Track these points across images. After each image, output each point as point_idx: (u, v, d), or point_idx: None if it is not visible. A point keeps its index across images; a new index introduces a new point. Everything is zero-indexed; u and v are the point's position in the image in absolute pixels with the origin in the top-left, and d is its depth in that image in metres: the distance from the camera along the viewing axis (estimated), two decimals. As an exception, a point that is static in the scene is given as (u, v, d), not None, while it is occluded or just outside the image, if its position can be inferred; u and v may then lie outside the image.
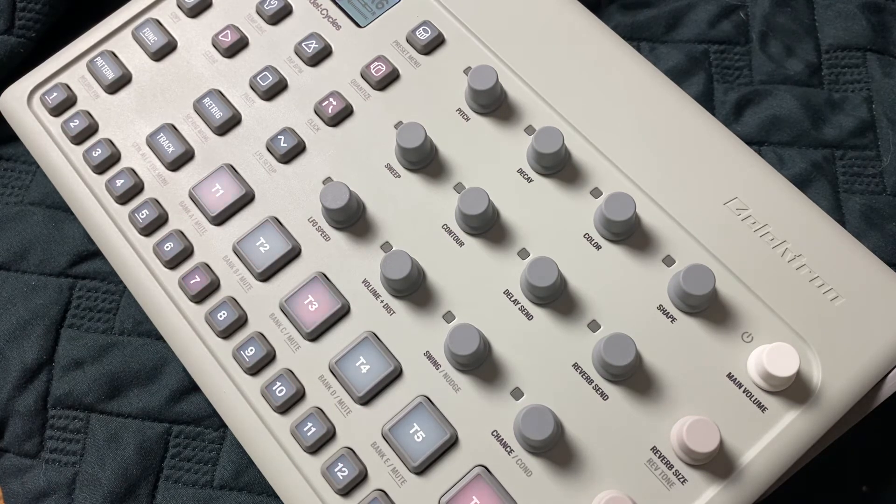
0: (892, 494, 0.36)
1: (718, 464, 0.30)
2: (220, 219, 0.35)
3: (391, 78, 0.37)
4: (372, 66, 0.37)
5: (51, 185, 0.43)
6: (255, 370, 0.33)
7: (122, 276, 0.36)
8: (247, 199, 0.35)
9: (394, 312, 0.33)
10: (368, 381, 0.31)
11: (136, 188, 0.36)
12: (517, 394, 0.31)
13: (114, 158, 0.37)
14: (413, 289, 0.33)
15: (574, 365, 0.31)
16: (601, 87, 0.36)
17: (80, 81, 0.39)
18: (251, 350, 0.33)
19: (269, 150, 0.36)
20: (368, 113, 0.36)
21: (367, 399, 0.32)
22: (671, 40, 0.45)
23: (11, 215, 0.43)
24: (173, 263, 0.35)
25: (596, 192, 0.34)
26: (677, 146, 0.34)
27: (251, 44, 0.38)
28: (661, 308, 0.32)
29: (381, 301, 0.33)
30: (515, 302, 0.32)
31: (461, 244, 0.34)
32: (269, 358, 0.33)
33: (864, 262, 0.32)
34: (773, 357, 0.30)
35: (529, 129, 0.35)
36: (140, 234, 0.36)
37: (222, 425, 0.38)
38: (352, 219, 0.34)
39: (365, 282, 0.33)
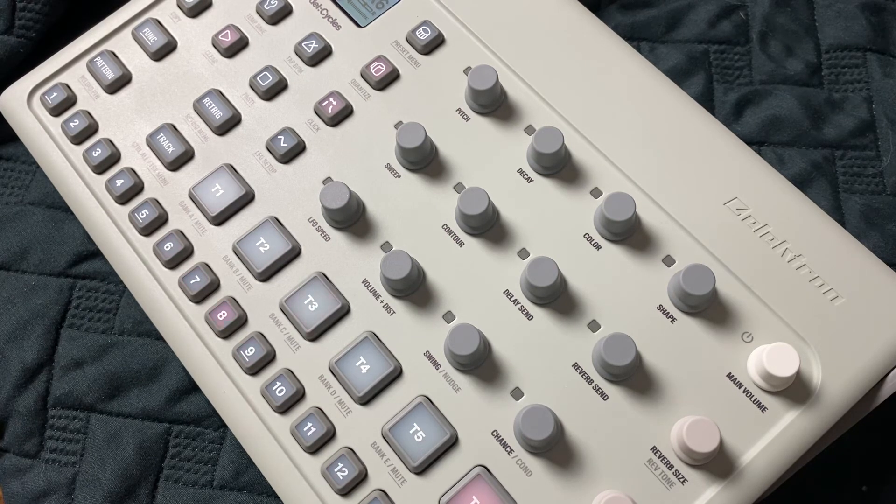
0: (892, 494, 0.36)
1: (718, 464, 0.30)
2: (220, 219, 0.35)
3: (391, 78, 0.37)
4: (372, 66, 0.37)
5: (51, 185, 0.43)
6: (255, 370, 0.33)
7: (122, 276, 0.36)
8: (247, 199, 0.35)
9: (394, 312, 0.33)
10: (368, 381, 0.31)
11: (136, 188, 0.36)
12: (517, 394, 0.31)
13: (114, 158, 0.37)
14: (413, 289, 0.33)
15: (574, 365, 0.31)
16: (601, 87, 0.36)
17: (80, 81, 0.39)
18: (251, 350, 0.33)
19: (269, 150, 0.36)
20: (368, 113, 0.36)
21: (367, 399, 0.32)
22: (671, 40, 0.45)
23: (11, 215, 0.43)
24: (173, 263, 0.35)
25: (596, 192, 0.34)
26: (677, 146, 0.34)
27: (251, 44, 0.38)
28: (661, 308, 0.32)
29: (381, 301, 0.33)
30: (515, 302, 0.32)
31: (461, 244, 0.34)
32: (269, 358, 0.33)
33: (864, 262, 0.32)
34: (773, 357, 0.30)
35: (529, 129, 0.35)
36: (140, 234, 0.36)
37: (222, 425, 0.38)
38: (352, 219, 0.34)
39: (365, 282, 0.33)
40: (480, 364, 0.32)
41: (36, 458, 0.38)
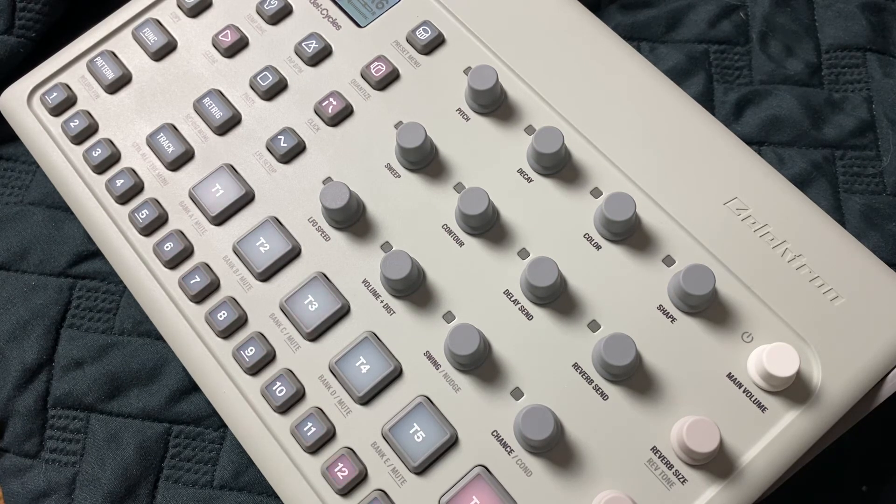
0: (892, 494, 0.36)
1: (718, 464, 0.30)
2: (220, 219, 0.35)
3: (391, 78, 0.37)
4: (372, 66, 0.37)
5: (51, 185, 0.43)
6: (255, 370, 0.33)
7: (122, 276, 0.36)
8: (247, 199, 0.35)
9: (394, 312, 0.33)
10: (368, 381, 0.31)
11: (136, 188, 0.36)
12: (517, 394, 0.31)
13: (114, 158, 0.37)
14: (413, 289, 0.33)
15: (574, 365, 0.31)
16: (601, 87, 0.36)
17: (80, 81, 0.39)
18: (251, 350, 0.33)
19: (269, 150, 0.36)
20: (368, 113, 0.36)
21: (367, 399, 0.32)
22: (671, 40, 0.45)
23: (11, 215, 0.43)
24: (173, 263, 0.35)
25: (596, 192, 0.34)
26: (677, 146, 0.34)
27: (251, 44, 0.38)
28: (661, 308, 0.32)
29: (381, 301, 0.33)
30: (515, 302, 0.32)
31: (461, 244, 0.34)
32: (269, 358, 0.33)
33: (864, 262, 0.32)
34: (773, 357, 0.30)
35: (529, 129, 0.35)
36: (140, 234, 0.36)
37: (222, 425, 0.38)
38: (352, 219, 0.34)
39: (365, 282, 0.33)
40: (480, 364, 0.32)
41: (36, 458, 0.38)
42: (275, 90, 0.37)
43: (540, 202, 0.34)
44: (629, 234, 0.33)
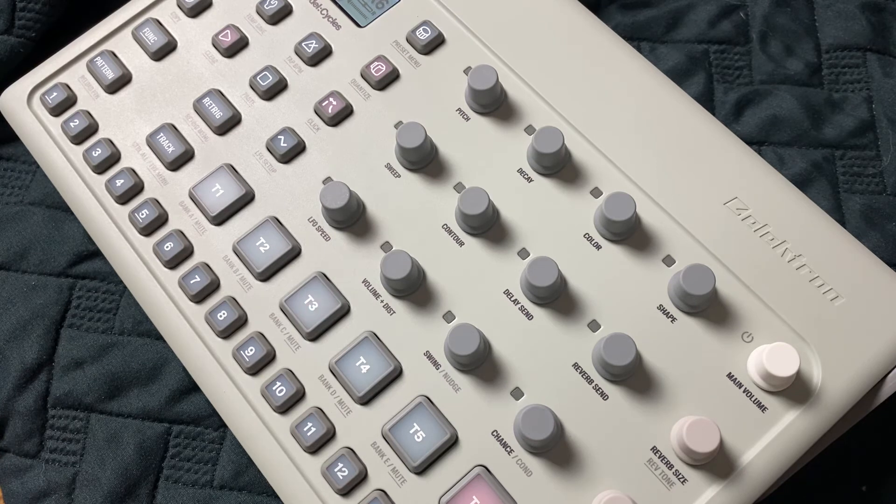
0: (892, 494, 0.36)
1: (718, 464, 0.30)
2: (220, 219, 0.35)
3: (391, 78, 0.37)
4: (372, 66, 0.37)
5: (51, 185, 0.43)
6: (255, 370, 0.33)
7: (122, 276, 0.36)
8: (247, 199, 0.35)
9: (394, 312, 0.33)
10: (368, 381, 0.31)
11: (136, 188, 0.36)
12: (517, 394, 0.31)
13: (114, 158, 0.37)
14: (413, 289, 0.33)
15: (574, 365, 0.31)
16: (601, 86, 0.36)
17: (80, 81, 0.39)
18: (251, 350, 0.33)
19: (269, 149, 0.36)
20: (368, 113, 0.36)
21: (367, 399, 0.32)
22: (671, 40, 0.45)
23: (11, 215, 0.43)
24: (173, 263, 0.35)
25: (596, 192, 0.34)
26: (677, 146, 0.34)
27: (251, 44, 0.38)
28: (661, 308, 0.32)
29: (381, 301, 0.33)
30: (515, 302, 0.32)
31: (461, 244, 0.34)
32: (269, 358, 0.33)
33: (864, 262, 0.32)
34: (773, 357, 0.30)
35: (529, 129, 0.35)
36: (140, 234, 0.36)
37: (222, 425, 0.38)
38: (352, 219, 0.34)
39: (365, 282, 0.33)
40: (480, 364, 0.32)
41: (36, 458, 0.38)
42: (275, 90, 0.37)
43: (540, 202, 0.34)
44: (629, 234, 0.33)
